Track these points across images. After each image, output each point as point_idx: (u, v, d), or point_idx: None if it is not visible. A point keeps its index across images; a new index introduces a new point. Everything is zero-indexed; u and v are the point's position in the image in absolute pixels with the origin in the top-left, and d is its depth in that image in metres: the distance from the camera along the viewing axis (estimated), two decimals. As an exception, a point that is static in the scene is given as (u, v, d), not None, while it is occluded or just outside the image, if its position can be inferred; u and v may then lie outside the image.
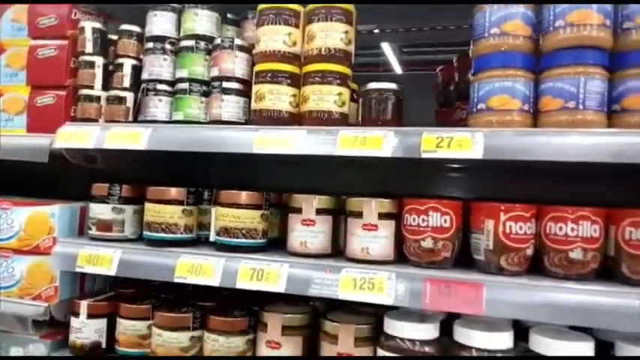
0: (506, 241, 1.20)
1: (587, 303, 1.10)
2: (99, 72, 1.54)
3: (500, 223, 1.21)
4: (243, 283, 1.31)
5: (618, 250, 1.17)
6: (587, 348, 1.15)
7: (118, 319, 1.50)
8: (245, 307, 1.45)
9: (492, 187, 1.70)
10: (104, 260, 1.42)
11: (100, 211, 1.50)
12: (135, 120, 1.52)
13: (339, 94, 1.36)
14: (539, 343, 1.17)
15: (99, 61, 1.56)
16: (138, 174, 1.62)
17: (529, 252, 1.21)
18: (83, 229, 1.62)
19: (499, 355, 1.18)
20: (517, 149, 1.15)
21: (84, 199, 1.59)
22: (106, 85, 1.54)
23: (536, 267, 1.24)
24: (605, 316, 1.08)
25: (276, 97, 1.38)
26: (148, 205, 1.45)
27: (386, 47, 7.08)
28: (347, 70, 1.39)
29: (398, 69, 7.31)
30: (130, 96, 1.51)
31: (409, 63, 7.68)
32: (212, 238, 1.44)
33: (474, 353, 1.18)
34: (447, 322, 1.30)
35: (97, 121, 1.53)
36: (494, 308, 1.14)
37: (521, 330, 1.27)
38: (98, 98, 1.53)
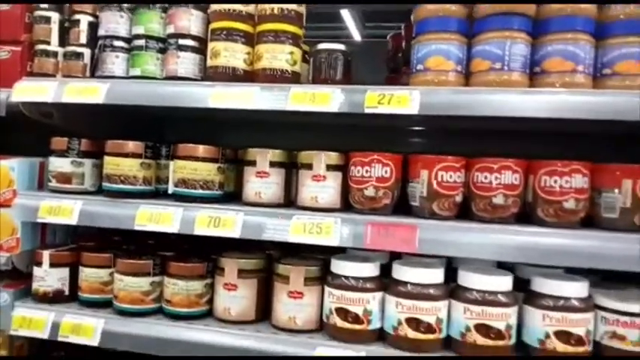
0: (438, 189, 1.34)
1: (507, 241, 1.27)
2: (55, 28, 1.56)
3: (433, 172, 1.34)
4: (201, 230, 1.40)
5: (535, 196, 1.33)
6: (507, 282, 1.32)
7: (81, 268, 1.57)
8: (203, 256, 1.55)
9: (433, 146, 1.84)
10: (65, 211, 1.48)
11: (59, 164, 1.54)
12: (92, 76, 1.56)
13: (291, 53, 1.45)
14: (466, 278, 1.33)
15: (55, 16, 1.58)
16: (94, 131, 1.66)
17: (458, 198, 1.36)
18: (42, 183, 1.66)
19: (431, 290, 1.33)
20: (449, 106, 1.28)
21: (39, 155, 1.62)
22: (63, 41, 1.56)
23: (465, 213, 1.40)
24: (523, 252, 1.25)
25: (231, 55, 1.45)
26: (107, 159, 1.52)
27: (348, 19, 7.14)
28: (299, 31, 1.48)
29: (358, 38, 7.40)
30: (87, 52, 1.54)
31: (370, 36, 7.81)
32: (170, 190, 1.52)
33: (410, 287, 1.33)
34: (389, 265, 1.45)
35: (54, 76, 1.56)
36: (426, 247, 1.29)
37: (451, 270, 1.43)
38: (55, 54, 1.56)
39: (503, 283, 1.31)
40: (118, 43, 1.52)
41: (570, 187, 1.27)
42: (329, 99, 1.34)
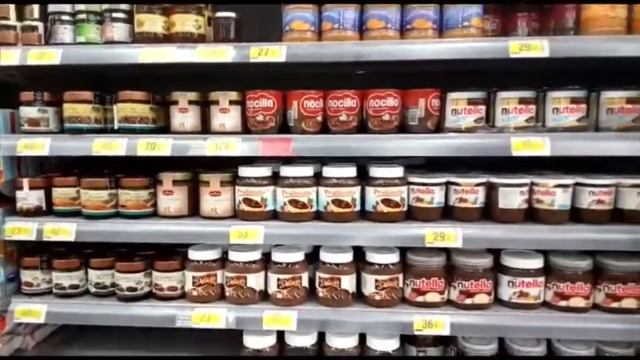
0: (304, 113, 1.99)
1: (350, 143, 1.93)
2: (12, 6, 2.01)
3: (300, 102, 1.98)
4: (142, 152, 1.98)
5: (367, 114, 1.99)
6: (352, 171, 2.00)
7: (54, 189, 2.12)
8: (146, 174, 2.14)
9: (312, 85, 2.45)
10: (38, 145, 2.00)
11: (28, 112, 2.05)
12: (47, 44, 2.05)
13: (196, 20, 2.00)
14: (327, 172, 2.00)
15: (11, -3, 2.04)
16: (49, 88, 2.14)
17: (319, 119, 2.01)
18: (14, 128, 2.15)
19: (305, 181, 1.99)
20: (306, 55, 1.90)
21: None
22: (21, 17, 2.03)
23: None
24: (362, 151, 1.91)
25: (153, 24, 1.98)
26: (66, 105, 2.04)
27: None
28: (201, 4, 2.02)
29: None
30: (40, 25, 2.02)
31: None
32: (116, 126, 2.08)
33: (291, 180, 1.99)
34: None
35: (16, 45, 2.03)
36: (298, 151, 1.94)
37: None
38: (15, 27, 2.02)
39: (350, 172, 2.00)
40: (65, 18, 2.01)
41: (386, 106, 1.95)
42: (225, 53, 1.92)
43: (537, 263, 1.93)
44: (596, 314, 1.93)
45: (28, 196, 2.11)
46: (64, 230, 2.04)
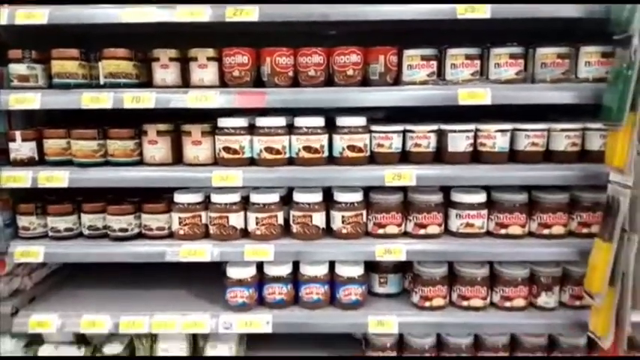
0: (277, 69, 2.20)
1: (322, 95, 2.16)
2: (-4, -33, 2.13)
3: (273, 58, 2.19)
4: (128, 105, 2.16)
5: (333, 69, 2.22)
6: (321, 121, 2.24)
7: (45, 140, 2.29)
8: (132, 125, 2.32)
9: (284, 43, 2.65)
10: (30, 100, 2.16)
11: (18, 68, 2.19)
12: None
13: (175, -18, 2.16)
14: (298, 122, 2.24)
15: (-8, -43, 2.13)
16: (36, 47, 2.28)
17: (290, 74, 2.23)
18: (1, 86, 2.28)
19: (279, 130, 2.22)
20: (277, 15, 2.10)
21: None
22: (6, -23, 2.14)
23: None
24: (330, 102, 2.15)
25: (134, -15, 2.14)
26: (54, 62, 2.19)
27: None
28: (179, -34, 2.18)
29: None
30: (25, -15, 2.14)
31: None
32: (102, 81, 2.24)
33: (266, 129, 2.22)
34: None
35: (3, 4, 2.15)
36: (272, 104, 2.16)
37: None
38: (0, -13, 2.14)
39: (318, 121, 2.24)
40: (49, -22, 2.14)
41: (350, 62, 2.18)
42: (202, 13, 2.10)
43: (481, 198, 2.24)
44: (531, 240, 2.27)
45: (21, 147, 2.27)
46: (57, 177, 2.22)
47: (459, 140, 2.21)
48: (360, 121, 2.23)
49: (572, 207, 2.23)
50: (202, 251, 2.22)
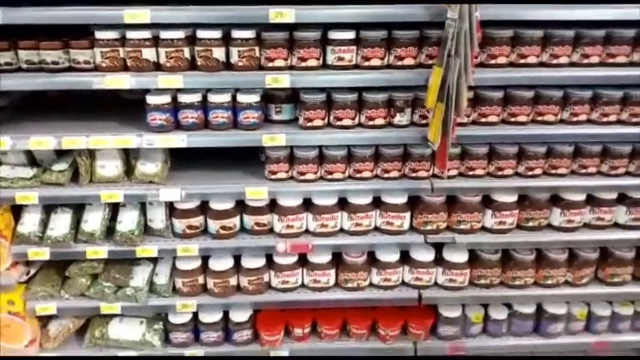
0: None
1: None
2: None
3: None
4: None
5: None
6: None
7: None
8: None
9: None
10: None
11: None
12: None
13: None
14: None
15: None
16: None
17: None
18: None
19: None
20: None
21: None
22: None
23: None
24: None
25: None
26: None
27: None
28: None
29: None
30: None
31: None
32: None
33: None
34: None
35: None
36: None
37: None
38: None
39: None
40: None
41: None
42: None
43: (350, 35, 2.73)
44: (391, 70, 2.79)
45: None
46: None
47: (333, -16, 2.64)
48: None
49: (422, 42, 2.76)
50: (122, 80, 2.70)
